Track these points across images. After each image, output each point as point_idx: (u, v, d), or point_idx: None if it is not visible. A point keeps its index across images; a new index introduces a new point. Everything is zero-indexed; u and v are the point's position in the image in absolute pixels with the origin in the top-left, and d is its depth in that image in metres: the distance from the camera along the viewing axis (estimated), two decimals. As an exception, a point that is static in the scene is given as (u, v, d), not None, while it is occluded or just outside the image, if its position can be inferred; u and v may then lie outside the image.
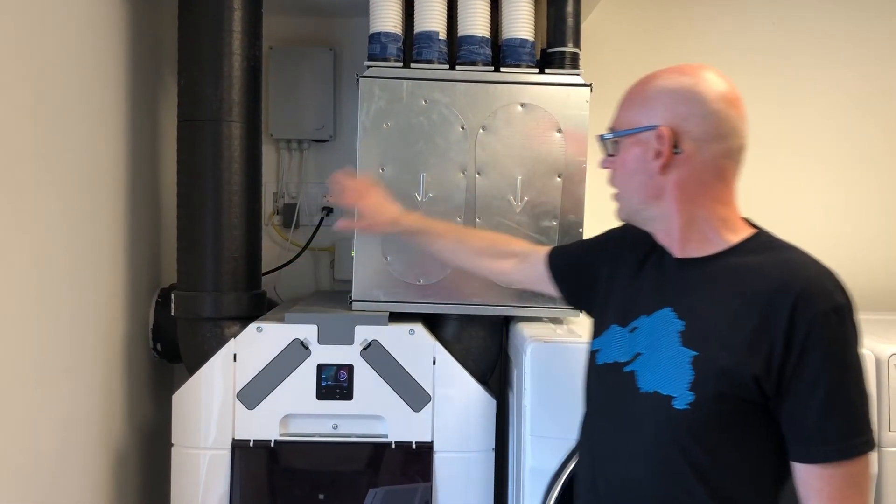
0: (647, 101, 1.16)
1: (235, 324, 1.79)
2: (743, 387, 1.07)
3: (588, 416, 1.29)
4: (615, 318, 1.25)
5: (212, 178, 1.79)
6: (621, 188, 1.21)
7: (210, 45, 1.78)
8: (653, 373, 1.15)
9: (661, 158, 1.14)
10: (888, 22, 2.34)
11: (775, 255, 1.13)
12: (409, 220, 1.57)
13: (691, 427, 1.09)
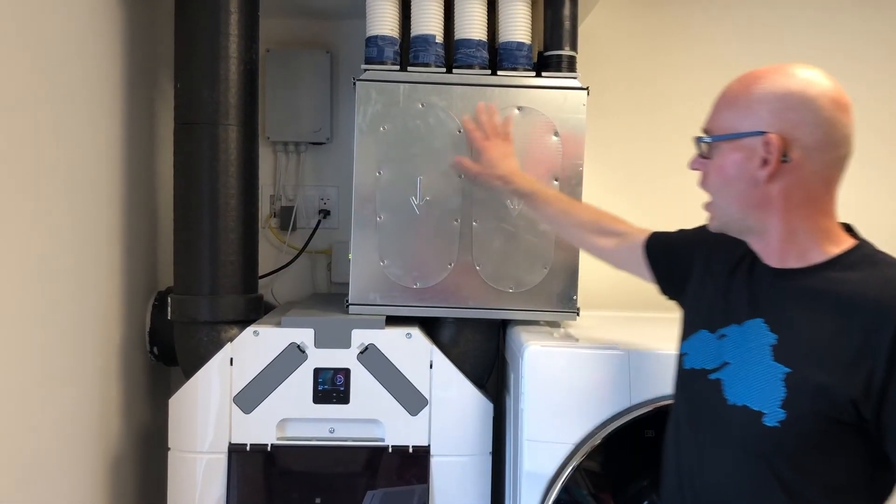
0: (752, 105, 1.11)
1: (232, 327, 1.78)
2: (838, 408, 1.04)
3: (674, 423, 1.27)
4: (703, 322, 1.24)
5: (208, 181, 1.78)
6: (717, 195, 1.17)
7: (206, 48, 1.77)
8: (742, 385, 1.13)
9: (768, 167, 1.09)
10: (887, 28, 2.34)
11: (877, 273, 1.09)
12: (520, 181, 1.65)
13: (781, 445, 1.08)
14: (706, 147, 1.17)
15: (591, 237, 1.56)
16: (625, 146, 2.33)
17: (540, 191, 1.64)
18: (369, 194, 1.78)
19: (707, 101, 2.32)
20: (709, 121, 1.18)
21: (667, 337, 1.67)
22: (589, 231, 1.56)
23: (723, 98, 1.17)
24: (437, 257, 1.79)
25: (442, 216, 1.79)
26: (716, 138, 1.15)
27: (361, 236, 1.78)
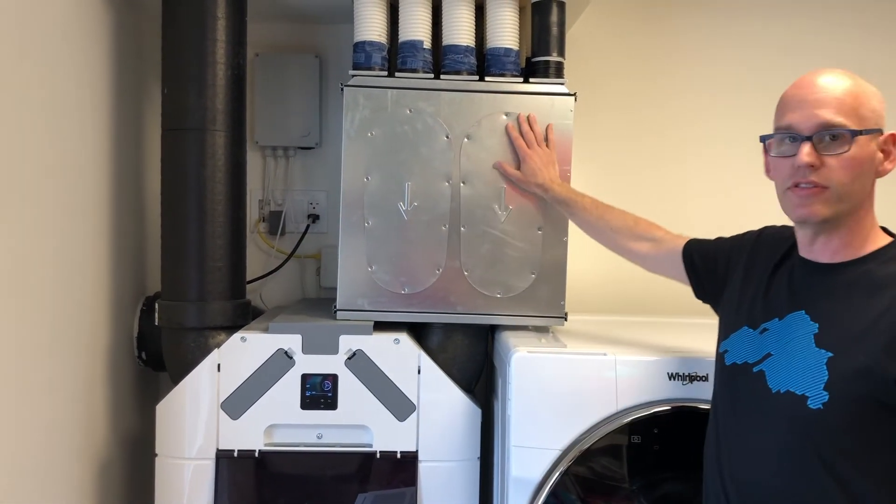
0: (872, 102, 1.17)
1: (220, 333, 1.78)
2: (881, 390, 1.08)
3: (716, 421, 1.31)
4: (745, 320, 1.29)
5: (195, 187, 1.78)
6: (844, 188, 1.16)
7: (194, 54, 1.77)
8: (785, 373, 1.18)
9: (891, 163, 1.19)
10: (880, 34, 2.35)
11: None
12: (559, 189, 1.73)
13: (826, 427, 1.11)
14: (843, 140, 1.15)
15: (627, 242, 1.64)
16: (612, 150, 2.33)
17: (577, 198, 1.72)
18: (357, 200, 1.78)
19: (694, 104, 2.34)
20: (836, 113, 1.16)
21: (653, 341, 1.69)
22: (626, 236, 1.64)
23: (845, 93, 1.16)
24: (425, 263, 1.79)
25: (430, 221, 1.79)
26: (863, 132, 1.15)
27: (349, 242, 1.78)
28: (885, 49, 2.35)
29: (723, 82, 2.33)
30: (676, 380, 1.52)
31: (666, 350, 1.58)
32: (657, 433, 1.52)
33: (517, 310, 1.81)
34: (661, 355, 1.55)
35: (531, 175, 1.76)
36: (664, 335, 1.80)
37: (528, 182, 1.76)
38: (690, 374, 1.52)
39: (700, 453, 1.36)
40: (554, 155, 1.79)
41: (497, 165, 1.78)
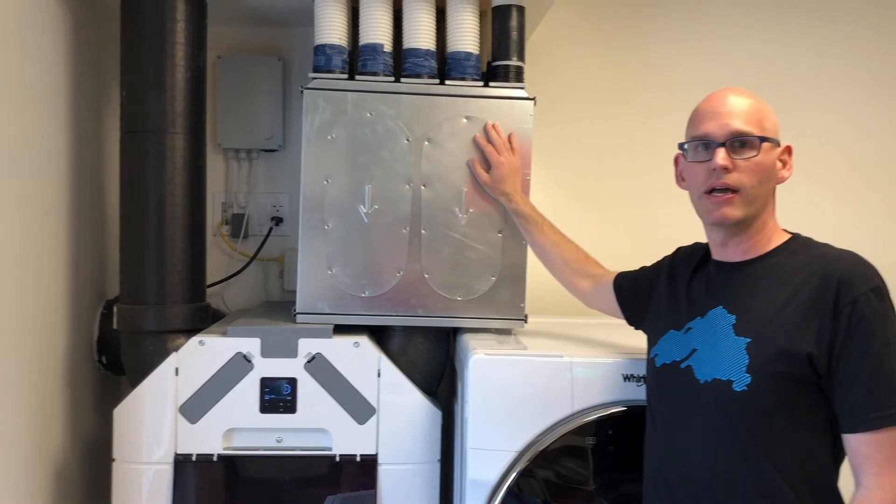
0: (772, 116, 1.30)
1: (178, 337, 1.77)
2: (797, 365, 1.18)
3: (653, 421, 1.38)
4: (671, 324, 1.39)
5: (154, 190, 1.77)
6: (753, 190, 1.27)
7: (152, 56, 1.76)
8: (710, 364, 1.26)
9: (788, 171, 1.31)
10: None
11: (814, 252, 1.27)
12: (523, 201, 1.78)
13: (752, 407, 1.20)
14: (753, 145, 1.26)
15: (573, 276, 1.72)
16: (573, 155, 2.35)
17: (538, 218, 1.77)
18: (317, 203, 1.77)
19: (654, 110, 2.37)
20: (744, 122, 1.27)
21: (611, 343, 1.70)
22: (572, 270, 1.72)
23: (751, 106, 1.29)
24: (386, 265, 1.79)
25: (391, 224, 1.79)
26: (768, 139, 1.27)
27: (309, 245, 1.78)
28: (842, 58, 2.39)
29: (684, 86, 2.35)
30: (631, 381, 1.54)
31: (622, 352, 1.60)
32: (612, 434, 1.53)
33: (478, 312, 1.82)
34: (616, 357, 1.57)
35: (499, 181, 1.77)
36: (622, 337, 1.81)
37: (496, 188, 1.78)
38: (645, 375, 1.53)
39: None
40: (519, 163, 1.80)
41: (470, 163, 1.80)
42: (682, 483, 1.28)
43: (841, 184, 2.40)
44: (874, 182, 2.41)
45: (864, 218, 2.41)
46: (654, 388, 1.40)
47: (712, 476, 1.24)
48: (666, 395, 1.35)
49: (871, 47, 2.40)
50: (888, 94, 2.41)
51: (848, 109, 2.41)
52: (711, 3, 2.38)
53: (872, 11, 2.40)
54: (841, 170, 2.40)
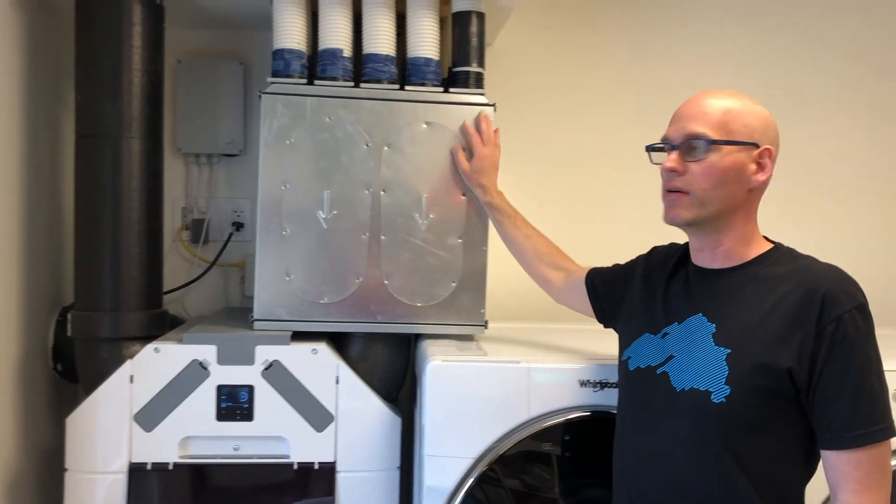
0: (746, 117, 1.24)
1: (134, 344, 1.74)
2: (777, 379, 1.17)
3: (623, 424, 1.36)
4: (646, 327, 1.36)
5: (110, 195, 1.74)
6: (704, 193, 1.24)
7: (108, 60, 1.73)
8: (687, 372, 1.24)
9: (763, 174, 1.25)
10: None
11: (797, 263, 1.25)
12: (498, 195, 1.77)
13: (729, 419, 1.19)
14: (701, 149, 1.24)
15: (545, 268, 1.70)
16: (535, 159, 2.35)
17: (511, 211, 1.76)
18: (275, 208, 1.76)
19: (616, 115, 2.38)
20: (699, 124, 1.24)
21: (571, 349, 1.71)
22: (544, 262, 1.71)
23: (713, 107, 1.25)
24: (345, 271, 1.78)
25: (350, 230, 1.78)
26: (722, 142, 1.23)
27: (267, 250, 1.76)
28: (811, 60, 2.42)
29: (643, 91, 2.37)
30: (588, 386, 1.54)
31: (580, 357, 1.60)
32: (569, 440, 1.54)
33: (438, 318, 1.82)
34: (574, 363, 1.57)
35: (479, 172, 1.77)
36: (582, 342, 1.82)
37: (474, 178, 1.77)
38: (602, 381, 1.54)
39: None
40: (498, 159, 1.80)
41: (453, 149, 1.79)
42: (652, 489, 1.27)
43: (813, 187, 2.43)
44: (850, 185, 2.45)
45: (854, 221, 2.44)
46: (626, 391, 1.38)
47: (684, 484, 1.23)
48: (639, 400, 1.33)
49: (829, 47, 2.44)
50: (853, 99, 2.44)
51: (814, 112, 2.44)
52: (670, 8, 2.40)
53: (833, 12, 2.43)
54: (814, 172, 2.43)
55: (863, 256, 2.41)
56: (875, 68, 2.45)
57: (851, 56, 2.44)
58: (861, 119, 2.46)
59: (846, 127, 2.45)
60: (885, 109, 2.46)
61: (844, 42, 2.44)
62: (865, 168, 2.47)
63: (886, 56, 2.46)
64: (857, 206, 2.47)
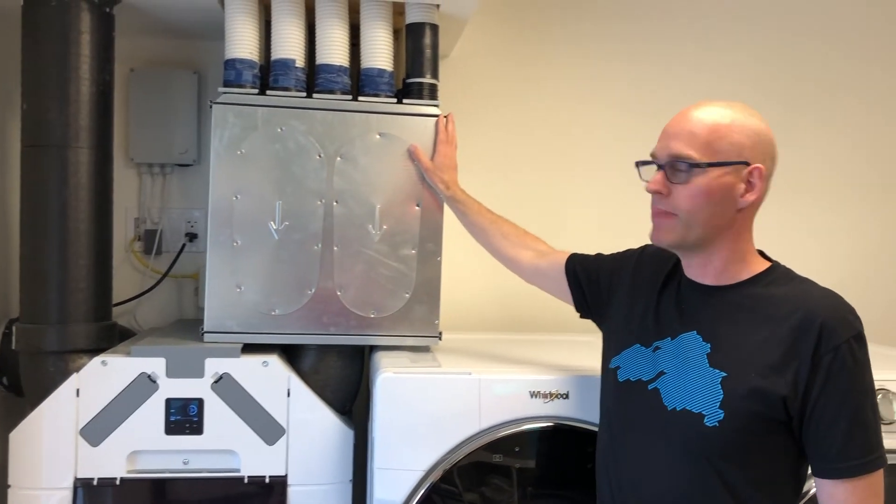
0: (735, 135, 1.20)
1: (81, 357, 1.71)
2: (771, 407, 1.16)
3: (608, 434, 1.35)
4: (637, 338, 1.34)
5: (57, 205, 1.71)
6: (689, 216, 1.22)
7: (55, 69, 1.71)
8: (680, 392, 1.23)
9: (752, 194, 1.21)
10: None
11: (796, 287, 1.23)
12: (458, 189, 1.79)
13: (721, 443, 1.18)
14: (686, 171, 1.21)
15: (513, 248, 1.70)
16: (490, 171, 2.36)
17: (474, 203, 1.78)
18: (226, 219, 1.74)
19: (572, 124, 2.40)
20: (685, 145, 1.21)
21: (524, 360, 1.71)
22: (513, 243, 1.70)
23: (701, 126, 1.21)
24: (297, 283, 1.77)
25: (302, 241, 1.77)
26: (709, 164, 1.20)
27: (218, 261, 1.74)
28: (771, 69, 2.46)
29: (603, 101, 2.39)
30: (538, 398, 1.54)
31: (532, 368, 1.60)
32: (519, 451, 1.53)
33: (391, 329, 1.81)
34: (524, 374, 1.57)
35: (441, 169, 1.78)
36: (537, 353, 1.83)
37: (436, 173, 1.78)
38: (552, 392, 1.54)
39: (564, 471, 1.39)
40: (456, 160, 1.82)
41: (411, 148, 1.79)
42: (639, 502, 1.26)
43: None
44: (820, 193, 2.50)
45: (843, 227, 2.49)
46: (613, 402, 1.36)
47: (671, 501, 1.22)
48: (627, 413, 1.31)
49: (795, 50, 2.48)
50: (824, 106, 2.49)
51: (800, 119, 2.49)
52: (620, 19, 2.42)
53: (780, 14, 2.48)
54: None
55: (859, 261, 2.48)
56: (870, 70, 2.51)
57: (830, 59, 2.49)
58: (849, 126, 2.51)
59: (836, 134, 2.51)
60: (873, 115, 2.52)
61: (820, 46, 2.49)
62: (858, 175, 2.52)
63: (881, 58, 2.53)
64: (851, 212, 2.53)
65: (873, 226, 2.53)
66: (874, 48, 2.51)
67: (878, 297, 2.49)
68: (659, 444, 1.24)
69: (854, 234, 2.52)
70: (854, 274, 2.49)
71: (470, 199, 1.79)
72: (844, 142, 2.50)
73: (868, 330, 1.20)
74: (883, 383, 1.58)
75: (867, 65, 2.50)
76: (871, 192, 2.53)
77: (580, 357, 1.75)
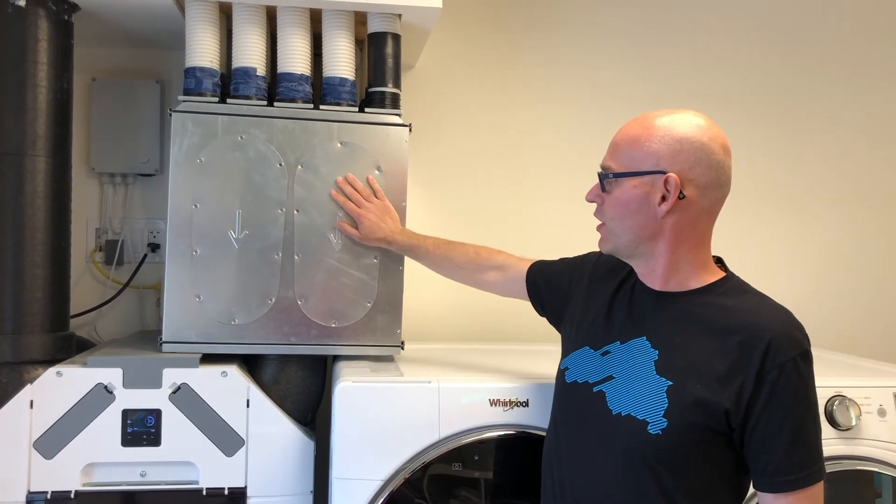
0: (654, 145, 1.21)
1: (37, 368, 1.68)
2: (714, 418, 1.16)
3: (555, 433, 1.35)
4: (587, 340, 1.35)
5: (12, 213, 1.69)
6: (613, 224, 1.27)
7: (12, 75, 1.69)
8: (625, 397, 1.23)
9: (667, 203, 1.20)
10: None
11: (747, 300, 1.24)
12: (400, 239, 1.75)
13: (663, 451, 1.18)
14: (607, 182, 1.25)
15: (474, 275, 1.70)
16: (455, 179, 2.36)
17: (420, 242, 1.75)
18: (185, 228, 1.73)
19: (538, 134, 2.41)
20: (610, 157, 1.26)
21: (485, 368, 1.70)
22: (471, 270, 1.71)
23: (624, 137, 1.25)
24: (257, 292, 1.75)
25: (262, 250, 1.76)
26: (618, 175, 1.23)
27: (177, 271, 1.73)
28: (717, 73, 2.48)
29: (568, 107, 2.41)
30: (498, 406, 1.54)
31: (492, 376, 1.60)
32: (478, 460, 1.53)
33: (353, 339, 1.80)
34: (484, 382, 1.57)
35: (370, 232, 1.75)
36: (498, 362, 1.82)
37: (370, 238, 1.76)
38: (512, 399, 1.54)
39: (524, 479, 1.38)
40: (387, 202, 1.78)
41: (338, 226, 1.77)
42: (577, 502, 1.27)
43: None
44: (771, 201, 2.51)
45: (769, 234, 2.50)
46: (560, 401, 1.37)
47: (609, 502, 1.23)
48: (572, 414, 1.32)
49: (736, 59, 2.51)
50: (760, 114, 2.51)
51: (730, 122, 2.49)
52: (582, 25, 2.44)
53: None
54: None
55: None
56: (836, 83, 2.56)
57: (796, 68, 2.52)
58: (816, 137, 2.55)
59: (804, 145, 2.54)
60: (838, 127, 2.57)
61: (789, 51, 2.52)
62: (826, 185, 2.57)
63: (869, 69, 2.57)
64: (819, 222, 2.57)
65: (841, 235, 2.56)
66: (842, 61, 2.56)
67: (845, 306, 2.52)
68: (600, 447, 1.25)
69: (822, 244, 2.55)
70: (822, 283, 2.52)
71: (416, 239, 1.76)
72: (813, 153, 2.54)
73: (834, 338, 1.22)
74: (840, 390, 1.60)
75: (833, 77, 2.55)
76: (839, 202, 2.56)
77: (540, 365, 1.75)
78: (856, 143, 2.56)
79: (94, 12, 1.85)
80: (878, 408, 1.61)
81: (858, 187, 2.56)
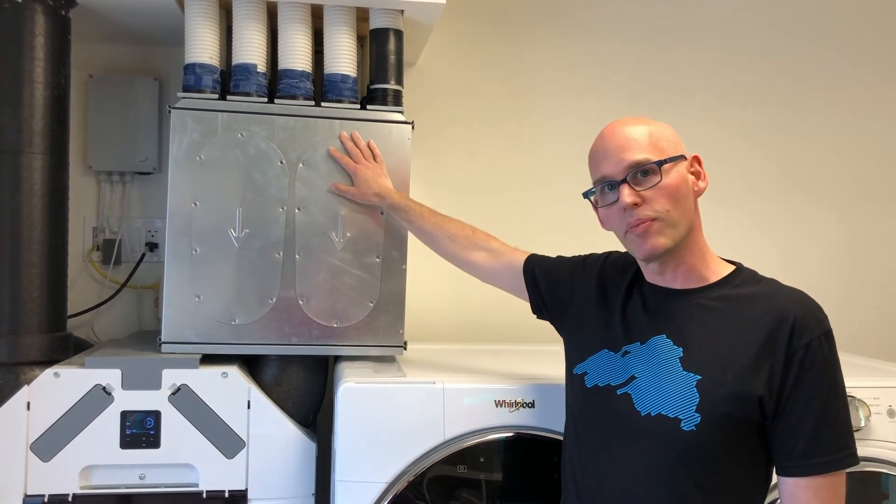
0: (669, 137, 1.25)
1: (34, 369, 1.65)
2: (747, 408, 1.15)
3: (575, 440, 1.32)
4: (604, 343, 1.32)
5: (8, 213, 1.66)
6: (669, 214, 1.22)
7: (7, 72, 1.66)
8: (653, 396, 1.22)
9: (703, 180, 1.27)
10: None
11: (764, 287, 1.24)
12: (396, 196, 1.73)
13: (697, 447, 1.17)
14: (654, 171, 1.22)
15: (464, 251, 1.65)
16: (456, 178, 2.34)
17: (415, 206, 1.72)
18: (184, 226, 1.70)
19: (542, 132, 2.39)
20: (634, 154, 1.23)
21: (489, 370, 1.68)
22: (463, 245, 1.66)
23: (640, 134, 1.24)
24: (258, 292, 1.73)
25: (263, 249, 1.73)
26: (667, 160, 1.22)
27: (176, 270, 1.70)
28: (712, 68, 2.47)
29: (573, 104, 2.39)
30: (503, 407, 1.51)
31: (496, 378, 1.57)
32: (483, 462, 1.51)
33: (355, 339, 1.77)
34: (489, 383, 1.54)
35: (365, 187, 1.73)
36: (502, 363, 1.80)
37: (365, 194, 1.73)
38: (517, 401, 1.52)
39: (529, 481, 1.36)
40: (383, 168, 1.76)
41: (331, 188, 1.75)
42: None
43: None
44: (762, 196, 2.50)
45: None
46: (580, 409, 1.34)
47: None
48: (597, 420, 1.29)
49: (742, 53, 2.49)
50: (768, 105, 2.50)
51: (719, 117, 2.49)
52: (590, 25, 2.42)
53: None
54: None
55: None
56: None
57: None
58: (815, 133, 2.53)
59: (801, 141, 2.52)
60: (845, 125, 2.55)
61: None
62: (826, 183, 2.54)
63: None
64: (818, 220, 2.55)
65: (846, 235, 2.54)
66: (842, 61, 2.54)
67: (852, 307, 2.50)
68: (632, 450, 1.22)
69: (828, 244, 2.53)
70: (828, 284, 2.50)
71: (411, 202, 1.74)
72: (813, 153, 2.52)
73: (842, 339, 1.22)
74: (849, 390, 1.58)
75: (833, 76, 2.53)
76: (844, 201, 2.55)
77: (546, 366, 1.73)
78: (857, 143, 2.54)
79: (91, 8, 1.83)
80: (888, 408, 1.60)
81: (865, 186, 2.55)
